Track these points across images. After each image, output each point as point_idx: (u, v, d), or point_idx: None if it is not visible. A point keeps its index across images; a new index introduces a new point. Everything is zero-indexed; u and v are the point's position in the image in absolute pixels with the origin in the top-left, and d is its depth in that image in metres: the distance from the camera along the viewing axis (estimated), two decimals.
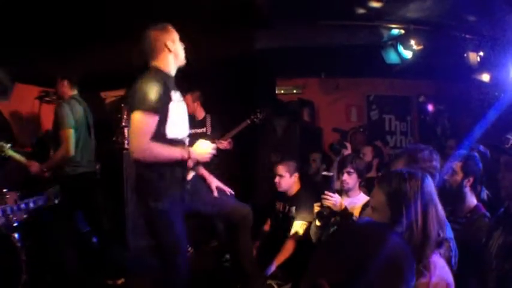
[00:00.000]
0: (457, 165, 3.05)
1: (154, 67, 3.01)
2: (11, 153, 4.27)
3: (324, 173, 4.84)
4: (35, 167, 4.30)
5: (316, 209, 3.62)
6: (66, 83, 4.56)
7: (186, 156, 2.89)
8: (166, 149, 2.83)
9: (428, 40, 5.17)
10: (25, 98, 6.08)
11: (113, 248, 4.72)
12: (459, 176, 3.01)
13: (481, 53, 5.05)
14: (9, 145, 4.27)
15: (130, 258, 5.32)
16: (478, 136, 3.90)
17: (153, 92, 2.76)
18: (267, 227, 4.70)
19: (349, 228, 1.25)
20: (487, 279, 2.60)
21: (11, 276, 3.82)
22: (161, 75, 2.94)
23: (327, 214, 3.41)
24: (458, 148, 3.58)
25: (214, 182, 3.35)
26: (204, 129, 5.33)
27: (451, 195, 2.95)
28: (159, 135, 2.80)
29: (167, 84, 2.89)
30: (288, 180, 4.33)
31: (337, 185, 4.13)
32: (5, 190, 3.96)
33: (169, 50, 2.98)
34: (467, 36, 5.12)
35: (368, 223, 1.24)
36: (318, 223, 3.54)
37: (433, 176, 2.47)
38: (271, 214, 4.64)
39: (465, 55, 5.11)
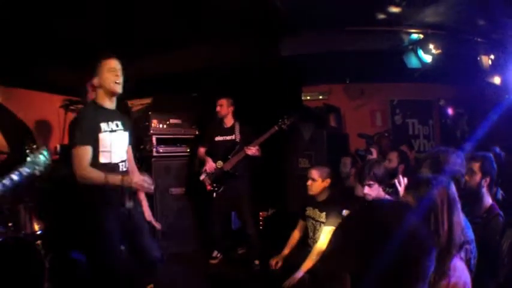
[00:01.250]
0: (475, 165, 3.08)
1: (90, 101, 3.43)
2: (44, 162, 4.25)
3: None
4: None
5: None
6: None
7: (125, 182, 3.14)
8: (104, 175, 3.09)
9: (445, 44, 5.20)
10: (48, 107, 6.12)
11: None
12: (478, 176, 3.04)
13: (492, 56, 5.08)
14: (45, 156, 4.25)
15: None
16: (486, 137, 3.93)
17: (78, 127, 3.19)
18: (297, 233, 4.70)
19: (368, 208, 1.20)
20: (498, 274, 2.65)
21: (34, 284, 3.83)
22: (92, 109, 3.28)
23: None
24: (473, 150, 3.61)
25: (148, 213, 3.69)
26: (233, 137, 5.36)
27: (469, 196, 2.98)
28: (94, 160, 3.15)
29: (97, 116, 3.21)
30: (319, 185, 4.33)
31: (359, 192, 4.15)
32: None
33: (97, 86, 3.28)
34: (478, 39, 5.16)
35: (388, 203, 1.20)
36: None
37: (458, 180, 2.54)
38: (302, 220, 4.64)
39: (478, 58, 5.16)
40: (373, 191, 3.59)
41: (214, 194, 5.34)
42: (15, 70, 5.65)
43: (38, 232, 4.22)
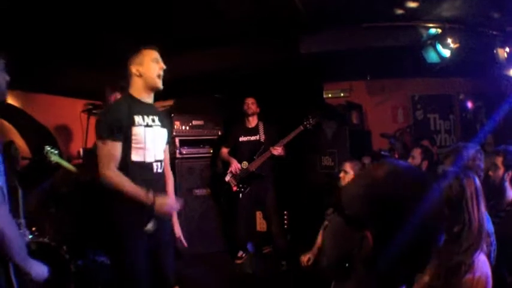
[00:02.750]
0: (498, 159, 3.08)
1: (126, 93, 3.06)
2: (57, 159, 4.24)
3: None
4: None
5: None
6: (117, 95, 4.52)
7: (148, 200, 2.78)
8: (129, 184, 2.79)
9: (462, 38, 5.19)
10: (71, 111, 6.16)
11: None
12: (501, 171, 3.04)
13: (507, 49, 5.06)
14: (56, 151, 4.25)
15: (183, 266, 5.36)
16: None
17: (107, 119, 2.85)
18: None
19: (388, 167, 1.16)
20: None
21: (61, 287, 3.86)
22: (126, 101, 2.97)
23: None
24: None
25: (178, 229, 3.30)
26: (258, 137, 5.38)
27: (493, 190, 3.00)
28: (125, 158, 2.84)
29: (131, 108, 2.91)
30: (351, 177, 4.42)
31: None
32: None
33: (136, 75, 2.99)
34: (494, 32, 5.14)
35: (410, 168, 1.17)
36: None
37: (478, 175, 2.56)
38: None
39: (494, 51, 5.12)
40: None
41: (241, 195, 5.35)
42: (37, 75, 5.70)
43: (63, 237, 4.26)
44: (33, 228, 4.19)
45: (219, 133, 6.04)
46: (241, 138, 5.45)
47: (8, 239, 1.98)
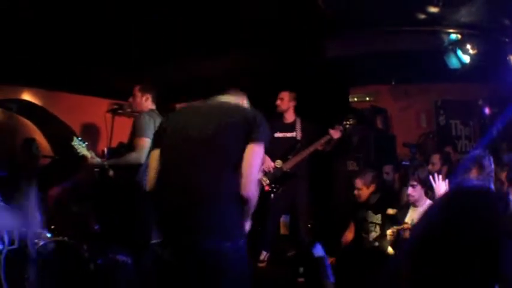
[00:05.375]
0: (502, 174, 3.26)
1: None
2: (85, 151, 4.21)
3: None
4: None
5: (390, 235, 3.83)
6: (148, 97, 4.52)
7: None
8: None
9: (480, 44, 5.23)
10: (95, 110, 6.19)
11: None
12: (506, 185, 3.16)
13: None
14: (84, 144, 4.23)
15: None
16: None
17: (266, 123, 2.57)
18: (349, 235, 4.70)
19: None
20: None
21: (80, 286, 3.88)
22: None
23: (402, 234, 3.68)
24: None
25: None
26: (294, 134, 5.04)
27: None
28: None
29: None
30: (365, 192, 4.51)
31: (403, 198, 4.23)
32: None
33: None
34: (507, 39, 5.20)
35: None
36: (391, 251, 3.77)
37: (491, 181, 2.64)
38: (353, 221, 4.68)
39: (508, 58, 5.18)
40: (416, 191, 3.77)
41: (272, 195, 4.99)
42: (62, 74, 5.74)
43: (83, 236, 4.27)
44: (52, 227, 4.22)
45: None
46: (277, 134, 4.98)
47: None
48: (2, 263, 2.20)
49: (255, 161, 2.45)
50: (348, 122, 4.94)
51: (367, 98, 6.89)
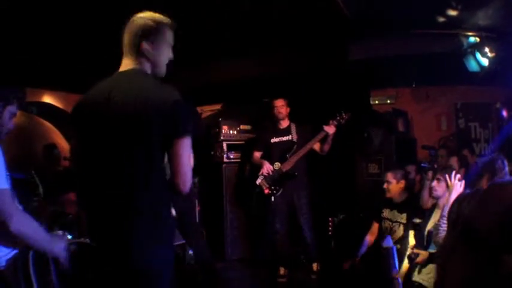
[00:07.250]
0: None
1: None
2: None
3: None
4: None
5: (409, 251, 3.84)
6: None
7: None
8: None
9: (498, 47, 5.21)
10: None
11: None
12: None
13: None
14: None
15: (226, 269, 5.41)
16: None
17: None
18: (371, 236, 4.69)
19: None
20: None
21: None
22: None
23: (414, 257, 3.69)
24: None
25: None
26: (290, 137, 5.16)
27: None
28: None
29: None
30: (395, 186, 4.52)
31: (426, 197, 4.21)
32: None
33: None
34: None
35: None
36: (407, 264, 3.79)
37: None
38: (376, 221, 4.67)
39: None
40: (440, 187, 3.74)
41: (273, 198, 5.07)
42: (81, 76, 5.80)
43: None
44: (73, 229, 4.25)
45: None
46: (273, 140, 5.22)
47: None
48: (31, 262, 2.21)
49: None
50: (341, 117, 5.00)
51: (388, 101, 6.90)
